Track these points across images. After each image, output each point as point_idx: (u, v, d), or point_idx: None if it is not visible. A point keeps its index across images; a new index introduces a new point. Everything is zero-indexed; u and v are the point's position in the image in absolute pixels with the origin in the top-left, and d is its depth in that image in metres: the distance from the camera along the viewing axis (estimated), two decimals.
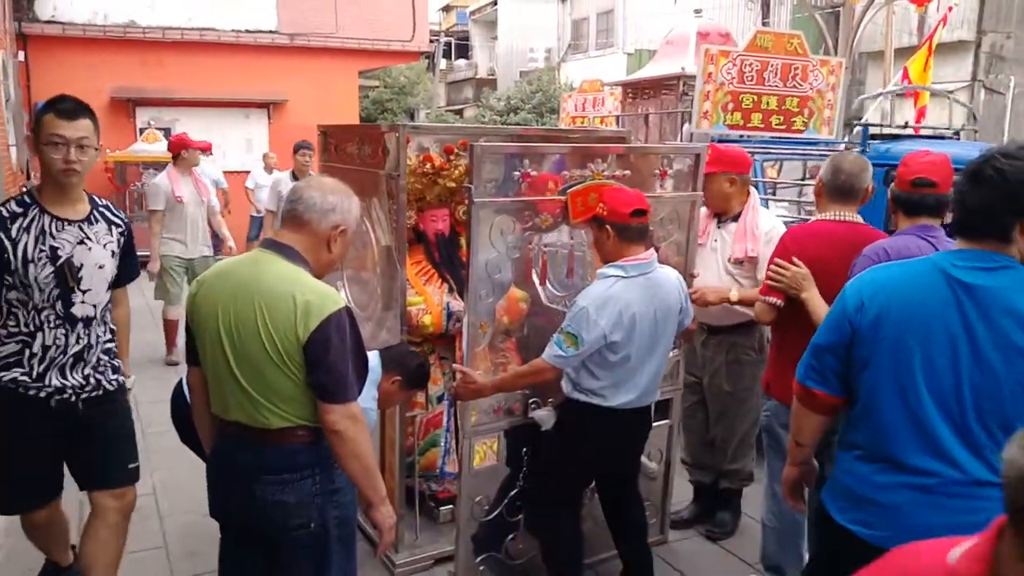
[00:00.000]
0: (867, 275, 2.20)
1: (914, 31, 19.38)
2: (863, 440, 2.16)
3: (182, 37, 13.05)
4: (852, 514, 2.16)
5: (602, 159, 3.45)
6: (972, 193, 2.02)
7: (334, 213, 2.41)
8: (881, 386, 2.09)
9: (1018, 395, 1.99)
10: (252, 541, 2.46)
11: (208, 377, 2.45)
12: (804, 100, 8.53)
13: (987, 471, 2.01)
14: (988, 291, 1.99)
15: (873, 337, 2.09)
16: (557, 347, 3.12)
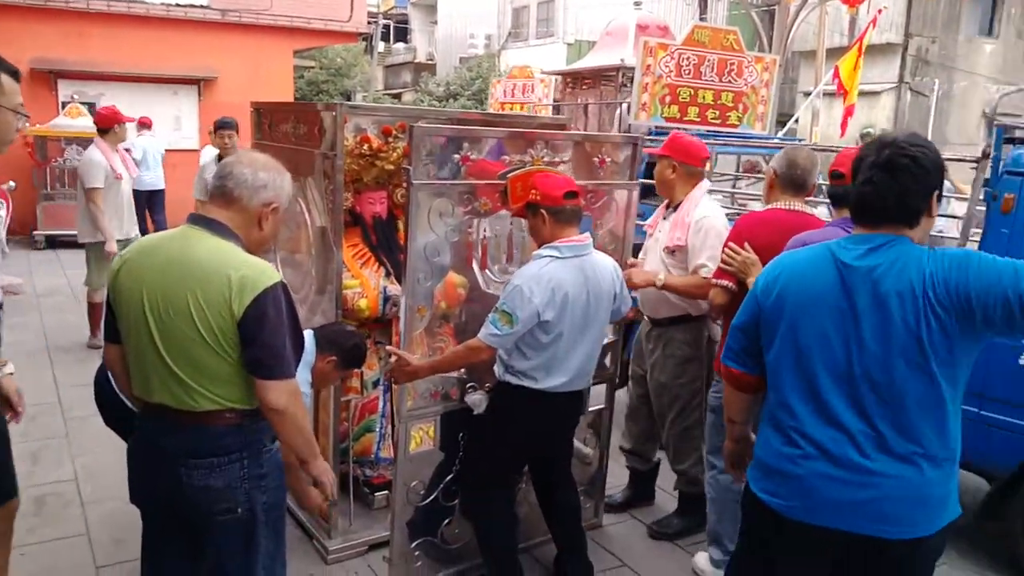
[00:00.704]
0: (774, 260, 2.35)
1: (845, 32, 19.87)
2: (771, 414, 2.26)
3: (108, 8, 12.60)
4: (764, 483, 2.25)
5: (543, 145, 3.42)
6: (887, 182, 2.08)
7: (266, 190, 2.34)
8: (782, 363, 2.21)
9: (905, 370, 2.05)
10: (177, 528, 2.37)
11: (129, 358, 2.34)
12: (739, 95, 8.66)
13: (880, 447, 2.08)
14: (871, 271, 2.07)
15: (775, 317, 2.22)
16: (492, 326, 3.11)
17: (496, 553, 3.41)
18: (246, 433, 2.29)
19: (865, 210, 2.15)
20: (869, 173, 2.10)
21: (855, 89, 11.87)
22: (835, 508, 2.12)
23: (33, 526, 3.86)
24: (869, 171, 2.10)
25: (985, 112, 22.04)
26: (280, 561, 2.50)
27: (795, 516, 2.17)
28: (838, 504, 2.11)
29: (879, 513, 2.09)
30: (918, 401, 2.07)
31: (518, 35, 26.89)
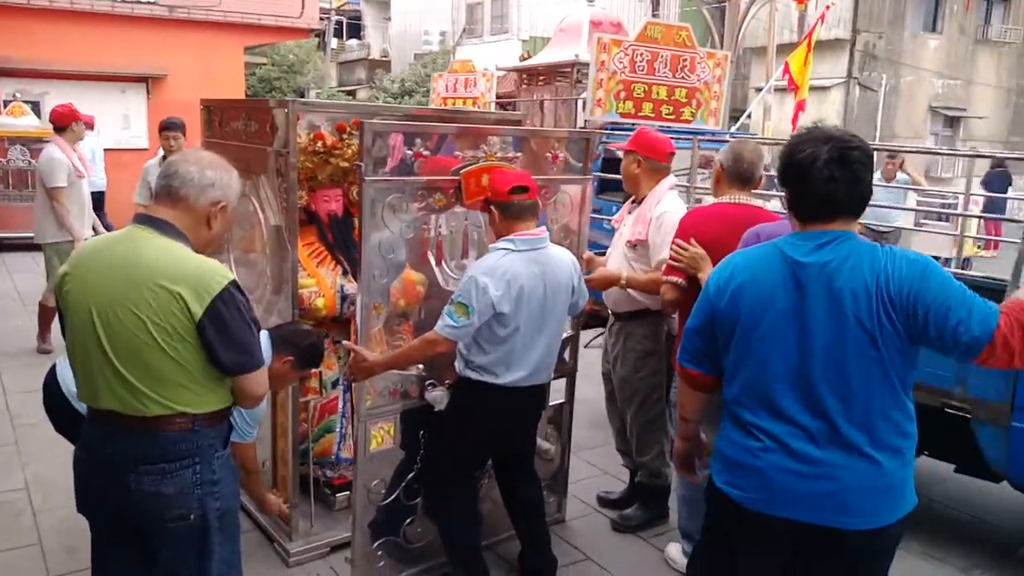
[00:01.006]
0: (724, 261, 2.34)
1: (795, 28, 20.13)
2: (730, 409, 2.29)
3: (51, 5, 12.30)
4: (725, 475, 2.28)
5: (496, 141, 3.41)
6: (847, 176, 2.10)
7: (213, 189, 2.30)
8: (739, 361, 2.23)
9: (859, 364, 2.08)
10: (127, 536, 2.32)
11: (75, 363, 2.29)
12: (692, 91, 8.75)
13: (836, 440, 2.12)
14: (821, 267, 2.09)
15: (729, 318, 2.22)
16: (448, 318, 3.09)
17: (460, 551, 3.39)
18: (197, 438, 2.25)
19: (826, 206, 2.14)
20: (828, 170, 2.09)
21: (806, 84, 12.05)
22: (794, 500, 2.14)
23: None
24: (826, 168, 2.09)
25: (931, 105, 22.56)
26: (236, 568, 2.45)
27: (756, 507, 2.19)
28: (797, 496, 2.14)
29: (839, 504, 2.11)
30: (872, 395, 2.10)
31: (472, 31, 26.81)
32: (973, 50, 23.29)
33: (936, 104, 22.81)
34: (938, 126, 23.29)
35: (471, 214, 3.57)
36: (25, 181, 10.95)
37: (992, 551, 4.09)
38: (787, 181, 2.20)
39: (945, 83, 22.89)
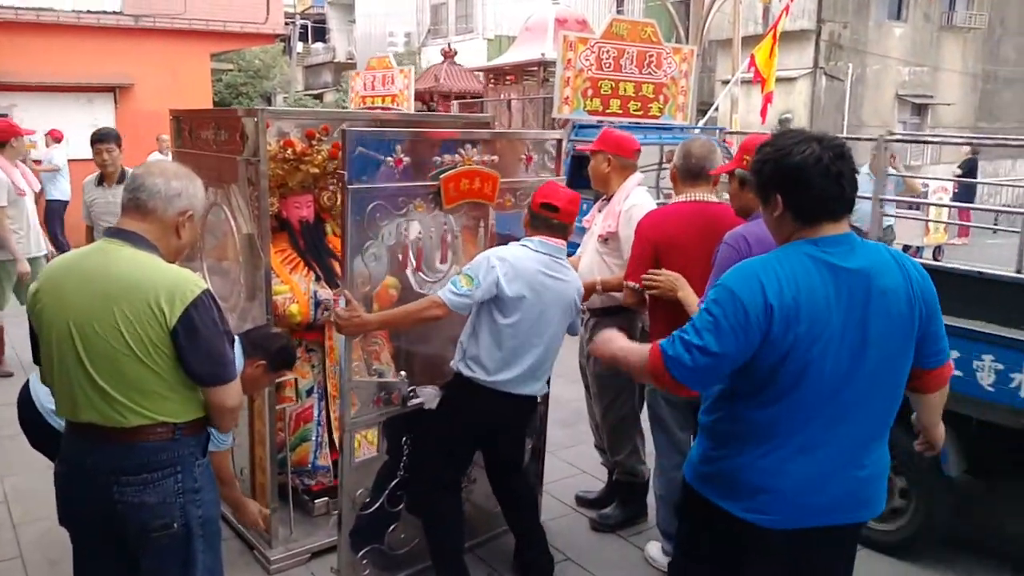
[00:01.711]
0: (761, 278, 2.06)
1: (759, 20, 20.30)
2: (752, 431, 2.14)
3: (16, 17, 12.18)
4: (746, 503, 2.15)
5: (472, 144, 3.45)
6: (849, 174, 2.10)
7: (179, 199, 2.33)
8: (790, 383, 2.06)
9: (903, 363, 2.15)
10: (110, 548, 2.33)
11: (52, 379, 2.30)
12: (659, 87, 8.82)
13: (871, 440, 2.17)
14: (863, 271, 2.07)
15: (784, 339, 2.02)
16: (452, 285, 3.17)
17: (444, 553, 3.43)
18: (179, 447, 2.28)
19: (839, 204, 2.11)
20: (837, 166, 2.06)
21: (772, 76, 12.17)
22: (827, 507, 2.14)
23: None
24: (833, 165, 2.06)
25: (898, 93, 22.78)
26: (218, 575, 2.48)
27: (781, 526, 2.13)
28: (831, 502, 2.14)
29: (865, 500, 2.18)
30: (899, 389, 2.18)
31: (437, 32, 26.80)
32: (938, 37, 23.50)
33: (903, 92, 23.02)
34: (906, 114, 23.50)
35: (449, 219, 3.61)
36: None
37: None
38: (784, 184, 2.12)
39: (911, 71, 23.11)
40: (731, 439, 2.20)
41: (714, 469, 2.24)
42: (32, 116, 12.27)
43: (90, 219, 5.93)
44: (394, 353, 4.02)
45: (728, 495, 2.19)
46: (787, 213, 2.13)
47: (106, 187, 5.87)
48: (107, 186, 5.88)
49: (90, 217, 5.92)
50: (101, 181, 5.94)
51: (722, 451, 2.22)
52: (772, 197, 2.15)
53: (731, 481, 2.19)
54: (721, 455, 2.22)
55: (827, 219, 2.11)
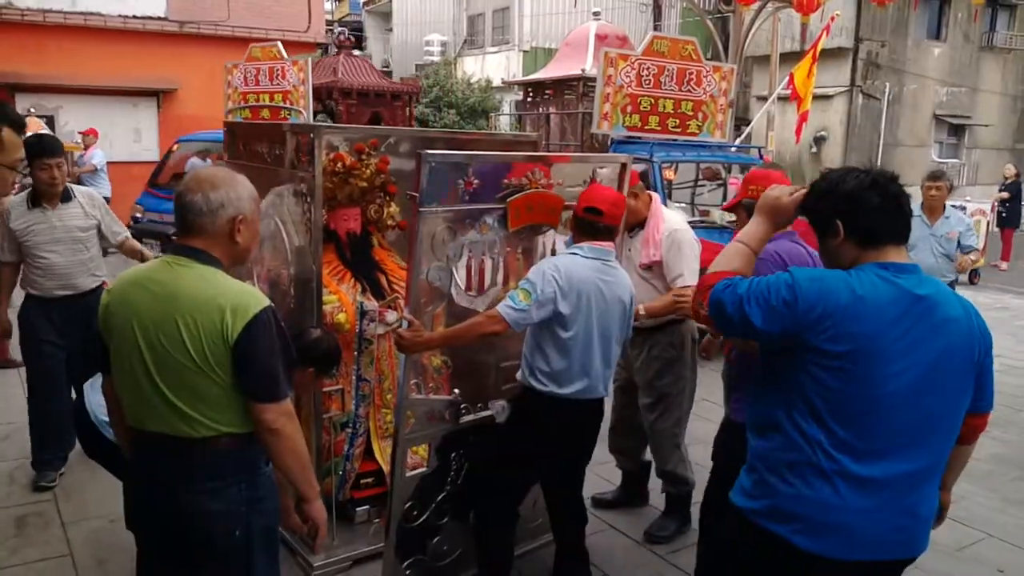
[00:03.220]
0: (828, 278, 2.09)
1: (797, 37, 20.22)
2: (820, 462, 2.10)
3: (65, 21, 12.49)
4: (811, 538, 2.12)
5: (539, 168, 3.51)
6: (904, 198, 2.17)
7: (223, 209, 2.32)
8: (863, 407, 2.05)
9: (963, 399, 2.17)
10: (173, 554, 2.40)
11: (122, 389, 2.38)
12: (698, 104, 8.83)
13: (929, 478, 2.17)
14: (929, 300, 2.08)
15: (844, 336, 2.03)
16: (510, 300, 3.18)
17: (494, 568, 3.48)
18: (242, 457, 2.34)
19: (901, 225, 2.17)
20: (894, 188, 2.15)
21: (809, 96, 12.14)
22: (881, 542, 2.13)
23: (16, 547, 3.87)
24: (889, 186, 2.14)
25: (935, 113, 22.59)
26: None
27: (834, 556, 2.12)
28: (886, 538, 2.13)
29: (916, 537, 2.18)
30: (957, 426, 2.18)
31: (474, 42, 26.93)
32: (978, 57, 23.28)
33: (940, 112, 22.82)
34: (943, 134, 23.29)
35: (513, 240, 3.67)
36: None
37: None
38: (842, 209, 2.15)
39: (949, 91, 22.90)
40: (788, 466, 2.16)
41: (768, 494, 2.20)
42: (77, 118, 12.56)
43: (17, 252, 4.48)
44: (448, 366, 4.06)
45: (781, 520, 2.16)
46: (849, 239, 2.16)
47: (47, 209, 4.44)
48: (48, 207, 4.45)
49: (18, 250, 4.47)
50: (37, 202, 4.45)
51: (776, 477, 2.19)
52: (832, 224, 2.17)
53: (784, 508, 2.16)
54: (776, 481, 2.19)
55: (890, 241, 2.14)
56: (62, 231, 4.48)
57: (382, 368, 4.09)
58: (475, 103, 20.87)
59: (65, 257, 4.48)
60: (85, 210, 4.59)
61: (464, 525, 3.73)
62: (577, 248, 3.36)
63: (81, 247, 4.54)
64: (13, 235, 4.42)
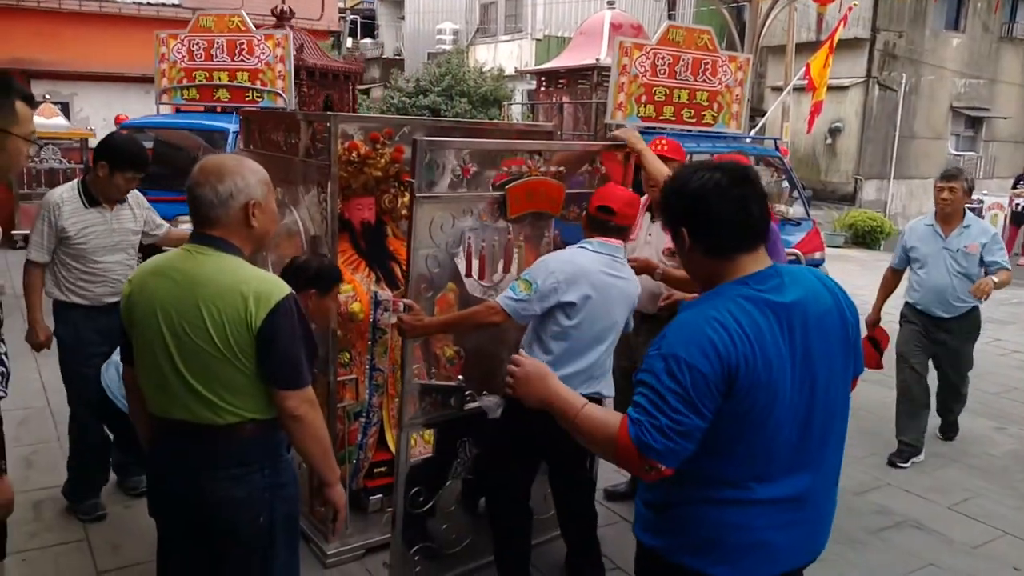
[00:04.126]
0: (711, 336, 1.89)
1: (812, 27, 20.10)
2: (717, 487, 1.99)
3: (80, 8, 12.54)
4: (710, 557, 2.01)
5: (538, 154, 3.51)
6: (755, 198, 1.99)
7: (233, 198, 2.32)
8: (744, 435, 1.93)
9: (845, 389, 2.10)
10: (195, 540, 2.42)
11: (144, 377, 2.39)
12: (714, 94, 8.77)
13: (827, 476, 2.09)
14: (800, 303, 1.97)
15: (745, 391, 1.89)
16: (510, 290, 3.18)
17: (511, 561, 3.49)
18: (266, 443, 2.36)
19: (750, 232, 2.00)
20: (739, 190, 1.97)
21: (824, 86, 12.06)
22: (794, 550, 2.06)
23: (34, 531, 3.91)
24: (733, 188, 1.97)
25: (952, 105, 22.41)
26: (296, 570, 2.56)
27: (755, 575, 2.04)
28: (798, 546, 2.06)
29: (822, 537, 2.13)
30: (847, 411, 2.12)
31: (486, 31, 26.84)
32: (997, 48, 23.05)
33: (958, 104, 22.63)
34: (960, 127, 23.11)
35: (513, 228, 3.66)
36: (57, 180, 11.17)
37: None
38: (686, 215, 2.02)
39: (967, 82, 22.71)
40: (686, 493, 2.02)
41: (671, 523, 2.07)
42: (92, 105, 12.61)
43: (52, 252, 3.97)
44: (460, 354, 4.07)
45: (688, 550, 2.04)
46: (696, 247, 2.02)
47: (105, 210, 4.03)
48: (107, 209, 4.04)
49: (54, 250, 3.97)
50: (94, 201, 4.02)
51: (675, 505, 2.05)
52: (679, 232, 2.04)
53: (689, 534, 2.04)
54: (675, 509, 2.06)
55: (739, 251, 1.99)
56: (119, 234, 4.11)
57: (396, 358, 4.10)
58: (487, 92, 20.79)
59: (120, 262, 4.09)
60: (134, 211, 4.22)
61: (474, 513, 3.76)
62: (586, 243, 3.36)
63: (133, 251, 4.20)
64: (56, 234, 3.92)
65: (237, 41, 8.85)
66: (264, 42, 8.93)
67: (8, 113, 2.24)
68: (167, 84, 9.00)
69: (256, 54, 8.89)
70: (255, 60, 8.91)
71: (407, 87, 22.07)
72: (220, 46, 8.90)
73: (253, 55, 8.89)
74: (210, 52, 8.90)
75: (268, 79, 8.95)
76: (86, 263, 3.98)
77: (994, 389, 7.14)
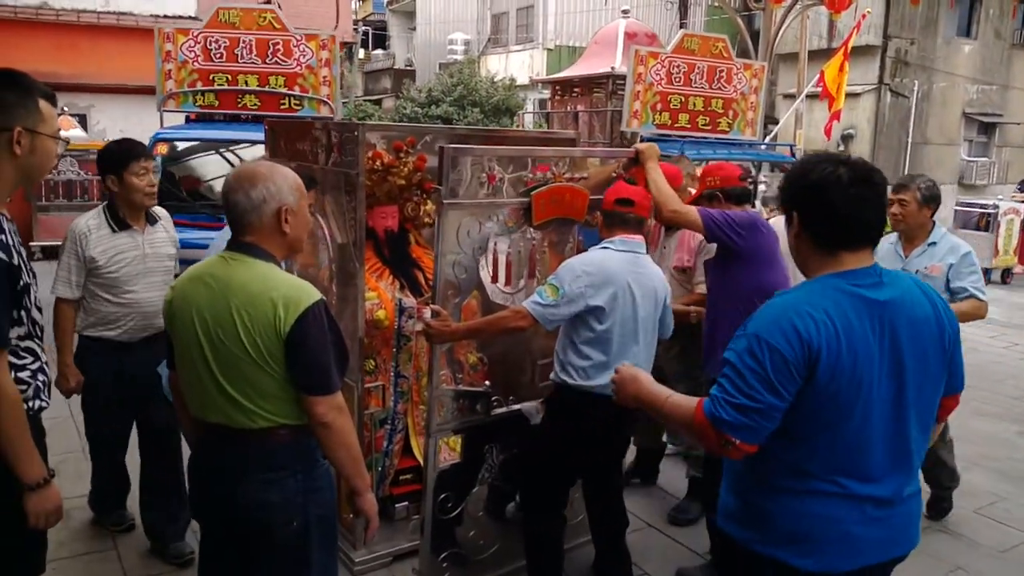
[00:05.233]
0: (795, 322, 1.94)
1: (824, 34, 20.10)
2: (823, 483, 2.02)
3: (98, 21, 12.64)
4: (794, 548, 2.05)
5: (563, 161, 3.53)
6: (873, 200, 2.03)
7: (266, 204, 2.35)
8: (829, 425, 1.97)
9: (936, 395, 2.13)
10: (233, 543, 2.44)
11: (184, 381, 2.43)
12: (729, 102, 8.80)
13: (915, 475, 2.14)
14: (892, 304, 2.00)
15: (829, 379, 1.93)
16: (537, 295, 3.17)
17: (545, 568, 3.49)
18: (299, 448, 2.38)
19: (860, 232, 2.04)
20: (858, 189, 2.00)
21: (842, 94, 12.06)
22: (877, 546, 2.08)
23: (63, 540, 3.93)
24: (853, 187, 1.99)
25: (965, 111, 22.35)
26: (333, 574, 2.58)
27: (835, 568, 2.07)
28: (881, 541, 2.08)
29: (911, 535, 2.16)
30: (932, 419, 2.14)
31: (497, 41, 26.94)
32: (1009, 55, 22.99)
33: (970, 110, 22.57)
34: (972, 132, 23.05)
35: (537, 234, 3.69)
36: (74, 192, 11.29)
37: None
38: (801, 201, 2.08)
39: (980, 89, 22.65)
40: (771, 482, 2.08)
41: (753, 513, 2.13)
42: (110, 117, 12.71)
43: (82, 287, 3.62)
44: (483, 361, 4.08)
45: (772, 541, 2.08)
46: (804, 234, 2.08)
47: (136, 232, 3.69)
48: (137, 230, 3.70)
49: (84, 284, 3.62)
50: (122, 223, 3.66)
51: (760, 495, 2.10)
52: (791, 215, 2.11)
53: (773, 526, 2.08)
54: (760, 499, 2.11)
55: (845, 247, 2.03)
56: (153, 259, 3.70)
57: (420, 365, 4.12)
58: (499, 102, 20.85)
59: (154, 292, 3.64)
60: (168, 232, 3.84)
61: (501, 519, 3.76)
62: (608, 242, 3.34)
63: (170, 279, 3.66)
64: (85, 265, 3.57)
65: (270, 40, 7.71)
66: (305, 43, 7.95)
67: (34, 112, 2.27)
68: (174, 88, 7.80)
69: (295, 56, 7.87)
70: (292, 63, 7.89)
71: (419, 97, 22.14)
72: (248, 45, 7.73)
73: (291, 57, 7.86)
74: (234, 52, 7.72)
75: (310, 85, 8.00)
76: (117, 293, 3.62)
77: (1016, 393, 7.11)
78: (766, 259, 3.54)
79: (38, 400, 2.42)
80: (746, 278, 3.50)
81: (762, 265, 3.52)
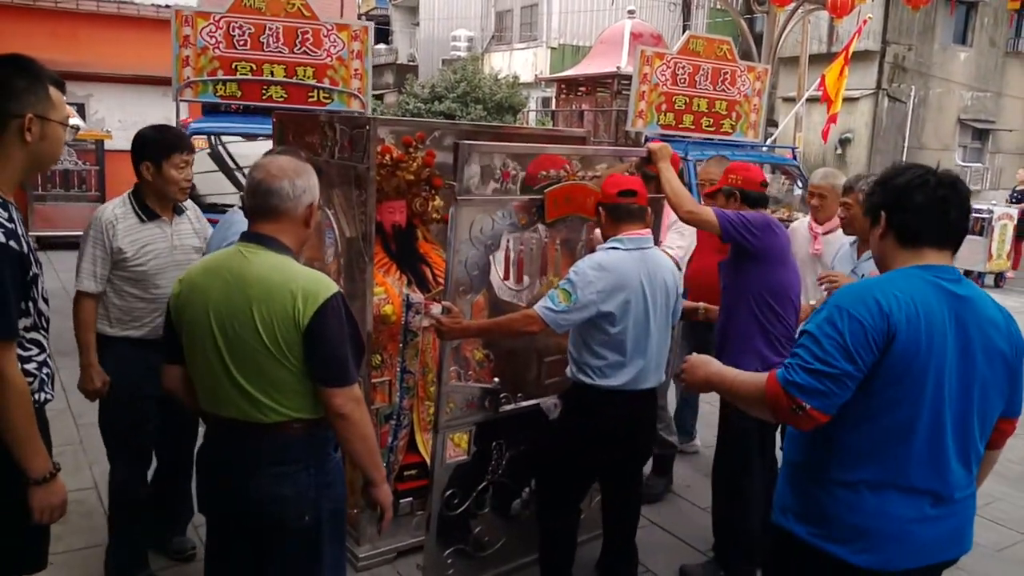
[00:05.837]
0: (877, 296, 2.00)
1: (823, 39, 20.15)
2: (883, 474, 2.05)
3: (98, 9, 12.56)
4: (852, 546, 2.07)
5: (576, 160, 3.52)
6: (956, 203, 2.11)
7: (305, 195, 2.39)
8: (912, 412, 2.00)
9: (999, 400, 2.14)
10: (243, 537, 2.42)
11: (195, 375, 2.40)
12: (732, 104, 8.79)
13: (971, 476, 2.14)
14: (970, 300, 2.06)
15: (904, 356, 1.97)
16: (549, 300, 3.15)
17: (558, 563, 3.49)
18: (313, 442, 2.36)
19: (943, 230, 2.11)
20: (943, 191, 2.09)
21: (839, 98, 12.07)
22: (933, 546, 2.09)
23: (59, 534, 3.85)
24: (939, 188, 2.09)
25: (960, 118, 22.48)
26: (342, 569, 2.57)
27: (892, 567, 2.08)
28: (937, 541, 2.09)
29: (965, 535, 2.16)
30: (990, 427, 2.16)
31: (501, 38, 26.92)
32: (1003, 63, 23.20)
33: (965, 116, 22.74)
34: (967, 138, 23.23)
35: (550, 232, 3.68)
36: (72, 182, 11.22)
37: None
38: (888, 202, 2.15)
39: (975, 95, 22.82)
40: (829, 474, 2.11)
41: (810, 507, 2.15)
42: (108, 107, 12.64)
43: (106, 280, 3.40)
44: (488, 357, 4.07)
45: (828, 537, 2.10)
46: (890, 232, 2.15)
47: (164, 223, 3.50)
48: (166, 221, 3.51)
49: (124, 272, 3.40)
50: (151, 213, 3.47)
51: (817, 487, 2.14)
52: (878, 215, 2.18)
53: (831, 521, 2.10)
54: (817, 491, 2.14)
55: (929, 244, 2.11)
56: (180, 252, 3.49)
57: (427, 360, 4.11)
58: (502, 99, 20.83)
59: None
60: (194, 224, 3.65)
61: (506, 516, 3.75)
62: (616, 242, 3.30)
63: None
64: (112, 257, 3.36)
65: (298, 29, 7.12)
66: (336, 33, 7.31)
67: (44, 99, 2.25)
68: (191, 75, 7.05)
69: (324, 47, 7.28)
70: (322, 54, 7.31)
71: (422, 93, 22.10)
72: (274, 33, 7.10)
73: (320, 47, 7.26)
74: (259, 39, 7.09)
75: (341, 77, 7.42)
76: (146, 287, 3.40)
77: None
78: (778, 259, 3.60)
79: (43, 392, 2.37)
80: (758, 277, 3.58)
81: (774, 265, 3.59)
